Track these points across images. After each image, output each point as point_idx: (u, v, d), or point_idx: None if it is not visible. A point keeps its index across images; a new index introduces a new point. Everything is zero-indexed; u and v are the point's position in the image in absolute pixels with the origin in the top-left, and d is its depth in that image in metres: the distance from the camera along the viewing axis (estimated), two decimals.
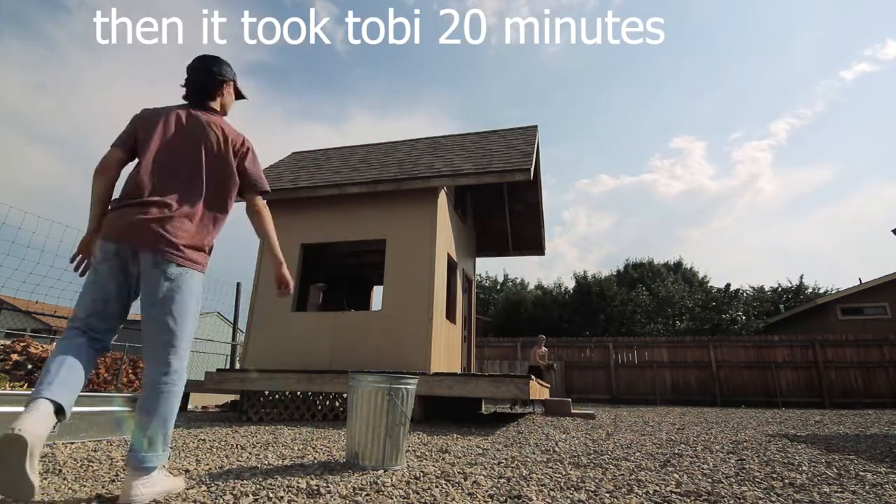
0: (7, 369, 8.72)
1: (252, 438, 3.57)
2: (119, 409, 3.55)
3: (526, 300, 26.71)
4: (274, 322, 6.25)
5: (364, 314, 6.65)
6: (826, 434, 4.80)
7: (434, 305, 5.80)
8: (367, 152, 8.60)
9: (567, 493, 1.99)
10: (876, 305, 16.67)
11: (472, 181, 6.32)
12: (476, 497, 1.90)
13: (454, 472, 2.35)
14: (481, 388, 4.99)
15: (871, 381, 12.56)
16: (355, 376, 2.65)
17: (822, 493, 2.08)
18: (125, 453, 2.78)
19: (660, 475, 2.41)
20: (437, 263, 6.03)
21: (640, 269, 28.75)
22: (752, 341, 13.79)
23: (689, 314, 24.14)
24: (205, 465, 2.48)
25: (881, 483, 2.29)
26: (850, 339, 13.11)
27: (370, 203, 6.54)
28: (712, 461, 2.88)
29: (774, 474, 2.47)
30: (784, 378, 13.03)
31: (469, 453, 3.03)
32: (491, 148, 7.54)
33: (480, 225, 9.71)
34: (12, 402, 2.89)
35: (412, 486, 2.05)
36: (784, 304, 26.19)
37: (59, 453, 2.70)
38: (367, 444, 2.44)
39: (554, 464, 2.71)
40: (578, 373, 14.37)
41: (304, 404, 5.57)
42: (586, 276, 26.86)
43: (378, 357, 5.69)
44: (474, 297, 9.35)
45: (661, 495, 1.99)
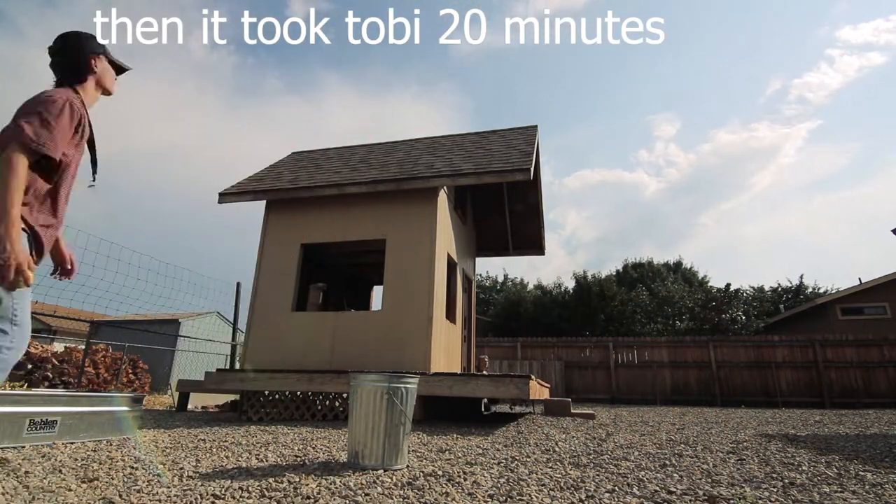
0: None
1: (252, 438, 3.57)
2: (119, 409, 3.55)
3: (526, 300, 26.70)
4: (274, 322, 6.25)
5: (364, 314, 6.65)
6: (826, 434, 4.80)
7: (434, 305, 5.80)
8: (367, 152, 8.60)
9: (567, 493, 1.99)
10: (876, 305, 16.67)
11: (471, 181, 6.32)
12: (476, 497, 1.90)
13: (454, 471, 2.35)
14: (481, 388, 4.99)
15: (871, 381, 12.55)
16: (356, 376, 2.65)
17: (822, 493, 2.08)
18: (125, 453, 2.78)
19: (660, 475, 2.41)
20: (437, 263, 6.02)
21: (639, 268, 28.77)
22: (752, 341, 13.78)
23: (689, 314, 24.14)
24: (204, 465, 2.48)
25: (881, 483, 2.29)
26: (850, 339, 13.10)
27: (370, 203, 6.54)
28: (712, 461, 2.88)
29: (774, 474, 2.47)
30: (784, 378, 13.02)
31: (469, 453, 3.03)
32: (491, 148, 7.54)
33: (480, 225, 9.71)
34: (12, 402, 2.89)
35: (412, 486, 2.05)
36: (784, 304, 26.20)
37: (59, 453, 2.70)
38: (368, 444, 2.44)
39: (554, 464, 2.71)
40: (578, 373, 14.37)
41: (304, 404, 5.56)
42: (586, 276, 26.85)
43: (378, 357, 5.69)
44: (474, 297, 9.35)
45: (660, 495, 1.99)
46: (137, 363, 11.89)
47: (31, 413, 2.93)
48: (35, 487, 1.89)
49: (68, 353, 9.96)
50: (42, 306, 11.76)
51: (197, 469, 2.36)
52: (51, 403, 3.09)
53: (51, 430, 3.01)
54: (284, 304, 6.28)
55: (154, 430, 3.97)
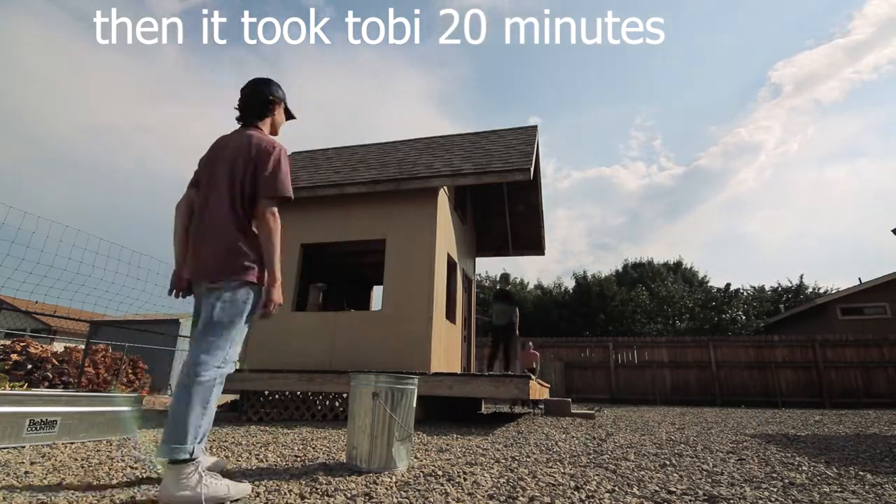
0: (7, 369, 8.72)
1: (252, 438, 3.57)
2: (119, 409, 3.55)
3: (526, 300, 26.71)
4: (274, 322, 6.23)
5: (364, 314, 6.65)
6: (826, 434, 4.80)
7: (434, 305, 5.80)
8: (367, 152, 8.60)
9: (567, 493, 1.99)
10: (876, 305, 16.65)
11: (471, 181, 6.32)
12: (476, 497, 1.90)
13: (454, 472, 2.35)
14: (481, 388, 4.99)
15: (871, 381, 12.55)
16: (356, 376, 2.65)
17: (822, 493, 2.07)
18: (125, 453, 2.77)
19: (660, 475, 2.41)
20: (437, 263, 6.02)
21: (639, 268, 28.77)
22: (752, 341, 13.78)
23: (689, 314, 24.15)
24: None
25: (881, 483, 2.29)
26: (850, 339, 13.10)
27: (370, 203, 6.54)
28: (712, 461, 2.88)
29: (774, 474, 2.47)
30: (784, 378, 13.02)
31: (469, 453, 3.03)
32: (490, 148, 7.54)
33: (480, 225, 9.71)
34: (12, 402, 2.89)
35: (412, 487, 2.04)
36: (784, 304, 26.20)
37: (59, 453, 2.70)
38: (368, 444, 2.44)
39: (554, 464, 2.71)
40: (578, 373, 14.36)
41: (303, 404, 5.56)
42: (586, 276, 26.88)
43: (378, 357, 5.69)
44: (474, 297, 9.35)
45: (660, 495, 1.99)
46: (137, 363, 11.89)
47: (31, 413, 2.93)
48: (35, 487, 1.89)
49: (68, 353, 9.96)
50: (42, 306, 11.75)
51: None
52: (51, 403, 3.09)
53: (51, 430, 3.01)
54: (284, 304, 6.28)
55: (154, 430, 3.97)
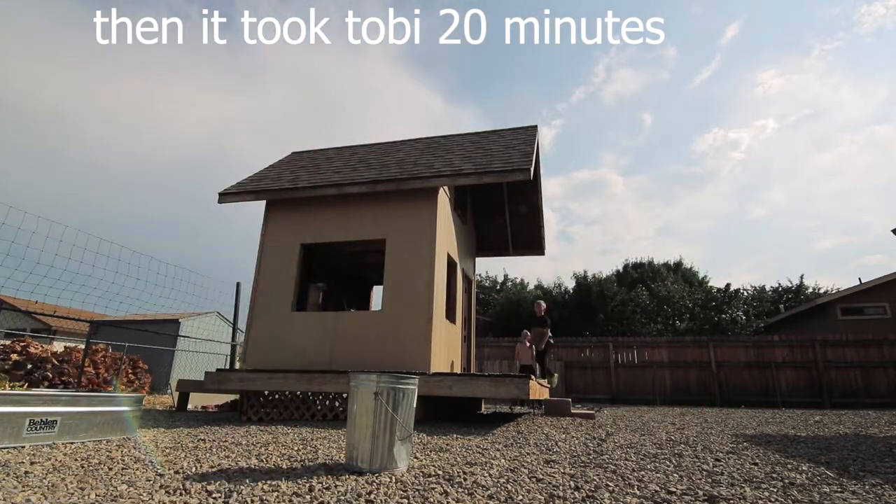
0: (7, 369, 8.72)
1: (252, 438, 3.57)
2: (119, 409, 3.55)
3: (526, 300, 26.69)
4: (274, 322, 6.25)
5: (364, 314, 6.65)
6: (826, 434, 4.80)
7: (434, 305, 5.80)
8: (367, 152, 8.60)
9: (567, 493, 1.99)
10: (876, 305, 16.65)
11: (471, 181, 6.32)
12: (476, 497, 1.90)
13: (454, 471, 2.35)
14: (481, 388, 4.99)
15: (871, 381, 12.54)
16: (356, 376, 2.65)
17: (822, 493, 2.07)
18: (126, 453, 2.77)
19: (660, 475, 2.41)
20: (437, 263, 6.02)
21: (640, 268, 28.74)
22: (752, 341, 13.77)
23: (689, 314, 24.14)
24: (204, 465, 2.48)
25: (881, 483, 2.29)
26: (850, 339, 13.10)
27: (370, 203, 6.54)
28: (712, 461, 2.88)
29: (774, 474, 2.47)
30: (784, 378, 13.02)
31: (469, 453, 3.03)
32: (491, 148, 7.54)
33: (480, 225, 9.71)
34: (12, 401, 2.89)
35: (412, 487, 2.04)
36: (784, 304, 26.19)
37: (59, 453, 2.70)
38: (368, 444, 2.44)
39: (554, 464, 2.71)
40: (578, 373, 14.36)
41: (303, 404, 5.56)
42: (586, 276, 26.87)
43: (378, 357, 5.69)
44: (474, 297, 9.35)
45: (660, 495, 1.99)
46: (137, 363, 11.89)
47: (31, 413, 2.93)
48: (35, 487, 1.89)
49: (68, 353, 9.96)
50: (42, 306, 11.72)
51: (197, 469, 2.36)
52: (51, 403, 3.09)
53: (51, 430, 3.01)
54: (284, 304, 6.28)
55: (154, 430, 3.97)
